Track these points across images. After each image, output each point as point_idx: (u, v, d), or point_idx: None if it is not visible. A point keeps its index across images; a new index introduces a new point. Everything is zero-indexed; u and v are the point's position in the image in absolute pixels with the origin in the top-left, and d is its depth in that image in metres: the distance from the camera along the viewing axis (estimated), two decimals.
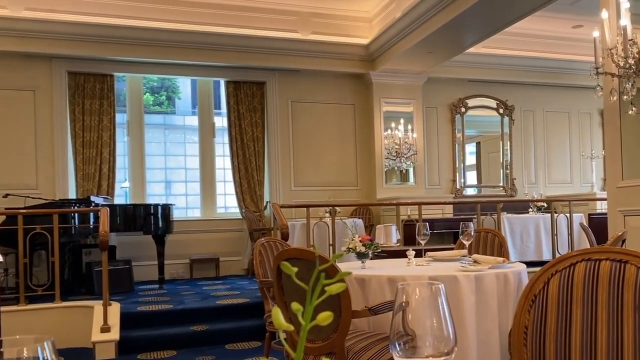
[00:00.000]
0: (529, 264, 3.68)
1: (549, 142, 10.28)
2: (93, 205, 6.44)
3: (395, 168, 8.95)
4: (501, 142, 10.00)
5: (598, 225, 6.61)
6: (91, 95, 8.03)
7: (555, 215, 6.71)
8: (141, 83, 8.87)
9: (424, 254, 3.50)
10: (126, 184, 9.30)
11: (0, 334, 4.34)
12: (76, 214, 6.20)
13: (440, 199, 8.44)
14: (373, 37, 8.45)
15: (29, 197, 6.77)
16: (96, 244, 6.57)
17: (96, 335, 4.82)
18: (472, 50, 8.35)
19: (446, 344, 0.79)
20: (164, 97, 14.32)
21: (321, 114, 8.97)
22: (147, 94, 13.26)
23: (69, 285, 6.58)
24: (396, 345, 0.80)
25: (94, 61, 7.97)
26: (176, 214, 7.78)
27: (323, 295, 0.61)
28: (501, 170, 10.02)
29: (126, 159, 8.72)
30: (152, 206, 7.05)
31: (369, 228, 8.11)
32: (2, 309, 4.57)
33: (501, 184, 9.97)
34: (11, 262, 5.86)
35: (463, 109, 9.73)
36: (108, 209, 5.37)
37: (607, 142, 4.40)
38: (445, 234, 7.75)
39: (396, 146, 8.81)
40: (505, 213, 7.15)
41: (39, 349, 0.62)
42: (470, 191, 9.90)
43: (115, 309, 5.18)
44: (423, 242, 3.33)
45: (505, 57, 9.22)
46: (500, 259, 3.07)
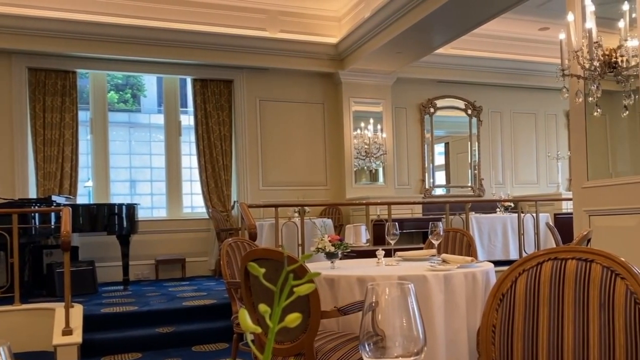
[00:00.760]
0: (497, 263, 3.71)
1: (516, 143, 10.44)
2: (54, 205, 6.30)
3: (365, 168, 8.97)
4: (469, 143, 10.12)
5: (564, 225, 6.73)
6: (52, 92, 7.83)
7: (522, 215, 6.80)
8: (105, 80, 8.70)
9: (394, 254, 3.52)
10: (89, 183, 9.13)
11: None
12: (37, 214, 6.04)
13: (409, 198, 8.48)
14: (342, 37, 8.44)
15: None
16: (58, 244, 6.41)
17: (57, 339, 4.68)
18: (441, 51, 8.43)
19: (416, 344, 0.79)
20: (128, 95, 14.08)
21: (290, 112, 8.93)
22: (112, 92, 13.03)
23: (29, 287, 6.42)
24: (366, 345, 0.79)
25: (56, 57, 7.77)
26: (141, 214, 7.67)
27: (292, 296, 0.60)
28: (469, 171, 10.14)
29: (89, 157, 8.54)
30: (117, 206, 6.92)
31: (339, 228, 8.11)
32: None
33: (469, 184, 10.08)
34: None
35: (432, 110, 9.81)
36: (70, 208, 5.22)
37: (573, 143, 4.46)
38: (415, 233, 7.80)
39: (366, 146, 8.82)
40: (473, 213, 7.22)
41: None
42: (439, 191, 9.99)
43: (77, 311, 5.05)
44: (392, 242, 3.34)
45: (473, 59, 9.33)
46: (468, 258, 3.10)
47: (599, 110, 4.00)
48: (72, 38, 7.54)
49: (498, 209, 7.84)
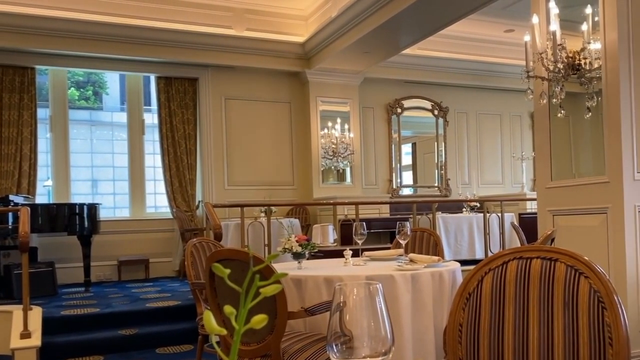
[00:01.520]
0: (463, 262, 3.74)
1: (481, 144, 10.59)
2: (12, 204, 6.15)
3: (332, 167, 8.96)
4: (436, 143, 10.21)
5: (528, 225, 6.84)
6: (10, 89, 7.60)
7: (488, 214, 6.88)
8: (66, 77, 8.50)
9: (361, 254, 3.53)
10: (49, 182, 8.91)
11: None
12: None
13: (377, 198, 8.51)
14: (309, 36, 8.42)
15: None
16: (16, 245, 6.23)
17: (15, 342, 4.54)
18: (408, 51, 8.49)
19: (383, 344, 0.79)
20: (90, 92, 13.78)
21: (256, 111, 8.86)
22: (72, 89, 12.73)
23: None
24: (333, 346, 0.80)
25: (13, 53, 7.54)
26: (103, 214, 7.57)
27: (258, 297, 0.60)
28: (436, 171, 10.24)
29: (49, 156, 8.34)
30: (77, 205, 6.81)
31: (306, 228, 8.09)
32: None
33: (436, 184, 10.18)
34: None
35: (399, 110, 9.87)
36: (29, 208, 5.07)
37: (537, 144, 4.53)
38: (382, 233, 7.82)
39: (333, 145, 8.81)
40: (440, 213, 7.28)
41: None
42: (407, 191, 10.06)
43: (36, 314, 4.92)
44: (360, 242, 3.35)
45: (440, 59, 9.42)
46: (435, 257, 3.13)
47: (562, 111, 4.06)
48: (31, 33, 7.33)
49: (464, 209, 7.93)
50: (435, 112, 10.17)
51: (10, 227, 6.10)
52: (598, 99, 3.89)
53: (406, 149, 10.30)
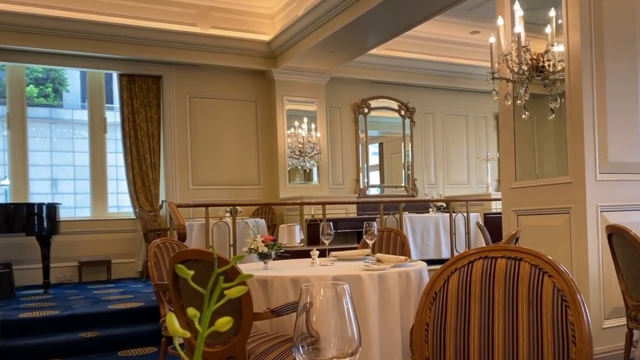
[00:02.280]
0: (429, 262, 3.75)
1: (447, 144, 10.71)
2: None
3: (299, 167, 8.94)
4: (403, 143, 10.29)
5: (493, 224, 6.92)
6: None
7: (454, 215, 6.94)
8: (24, 73, 8.28)
9: (328, 254, 3.53)
10: (6, 181, 8.67)
11: None
12: None
13: (344, 198, 8.53)
14: (275, 34, 8.37)
15: None
16: None
17: None
18: (375, 52, 8.52)
19: (350, 344, 0.79)
20: (50, 89, 13.43)
21: (221, 110, 8.77)
22: (31, 86, 12.40)
23: None
24: (300, 347, 0.79)
25: None
26: (64, 214, 7.41)
27: (222, 299, 0.59)
28: (403, 171, 10.31)
29: (6, 154, 8.13)
30: (36, 205, 6.68)
31: (272, 228, 8.05)
32: None
33: (403, 184, 10.25)
34: None
35: (366, 110, 9.91)
36: None
37: (502, 145, 4.58)
38: (349, 233, 7.83)
39: (300, 145, 8.78)
40: (406, 213, 7.32)
41: None
42: (374, 191, 10.11)
43: None
44: (327, 242, 3.34)
45: (406, 60, 9.49)
46: (402, 257, 3.14)
47: (526, 113, 4.12)
48: None
49: (431, 209, 8.00)
50: (402, 113, 10.24)
51: None
52: (561, 101, 3.96)
53: (373, 149, 10.35)
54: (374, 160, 10.31)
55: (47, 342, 4.80)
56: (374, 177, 10.25)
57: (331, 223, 3.41)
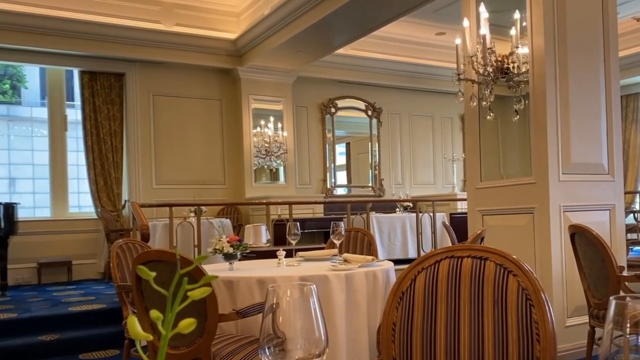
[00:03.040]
0: (396, 261, 3.76)
1: (414, 145, 10.80)
2: None
3: (265, 167, 8.89)
4: (370, 144, 10.34)
5: (459, 224, 6.98)
6: None
7: (420, 214, 7.00)
8: None
9: (295, 254, 3.53)
10: None
11: None
12: None
13: (310, 198, 8.51)
14: (241, 33, 8.31)
15: None
16: None
17: None
18: (342, 51, 8.54)
19: (317, 345, 0.79)
20: (7, 86, 13.03)
21: (186, 108, 8.66)
22: None
23: None
24: (266, 349, 0.79)
25: None
26: (22, 214, 7.21)
27: (186, 300, 0.58)
28: (370, 171, 10.36)
29: None
30: None
31: (238, 228, 7.98)
32: None
33: (370, 184, 10.30)
34: None
35: (333, 110, 9.91)
36: None
37: (467, 146, 4.63)
38: (316, 233, 7.82)
39: (266, 144, 8.73)
40: (374, 213, 7.34)
41: None
42: (341, 191, 10.13)
43: None
44: (294, 242, 3.33)
45: (373, 60, 9.53)
46: (369, 257, 3.16)
47: (491, 114, 4.17)
48: None
49: (397, 209, 8.04)
50: (369, 113, 10.29)
51: None
52: (525, 102, 4.02)
53: (340, 149, 10.37)
54: (341, 160, 10.32)
55: (5, 346, 4.67)
56: (341, 177, 10.26)
57: (298, 223, 3.40)
